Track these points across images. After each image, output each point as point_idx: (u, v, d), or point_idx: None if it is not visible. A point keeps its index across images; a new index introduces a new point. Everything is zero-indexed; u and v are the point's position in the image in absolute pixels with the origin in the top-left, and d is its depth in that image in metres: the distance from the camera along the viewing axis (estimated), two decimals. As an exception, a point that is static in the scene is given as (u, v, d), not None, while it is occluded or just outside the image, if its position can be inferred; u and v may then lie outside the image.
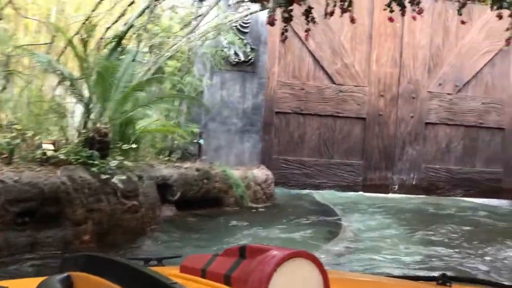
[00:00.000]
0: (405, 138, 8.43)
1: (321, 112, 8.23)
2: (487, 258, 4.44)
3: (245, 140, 6.35)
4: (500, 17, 5.69)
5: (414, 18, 5.74)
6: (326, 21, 8.14)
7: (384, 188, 8.38)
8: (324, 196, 7.66)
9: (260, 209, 6.03)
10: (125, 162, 4.07)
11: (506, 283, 1.57)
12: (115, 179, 3.70)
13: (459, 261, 4.30)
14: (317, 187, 8.19)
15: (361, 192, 8.29)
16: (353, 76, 8.27)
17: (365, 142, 8.35)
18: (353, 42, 8.30)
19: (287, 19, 5.20)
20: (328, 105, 8.23)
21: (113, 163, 3.83)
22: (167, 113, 5.71)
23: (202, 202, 5.51)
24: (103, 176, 3.68)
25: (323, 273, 0.75)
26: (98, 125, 3.90)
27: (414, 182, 8.45)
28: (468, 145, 8.59)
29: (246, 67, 6.27)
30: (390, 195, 8.20)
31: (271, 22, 5.46)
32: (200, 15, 4.90)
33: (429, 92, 8.42)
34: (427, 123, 8.46)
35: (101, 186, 3.67)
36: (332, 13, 5.25)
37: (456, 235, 5.42)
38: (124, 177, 3.84)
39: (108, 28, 4.32)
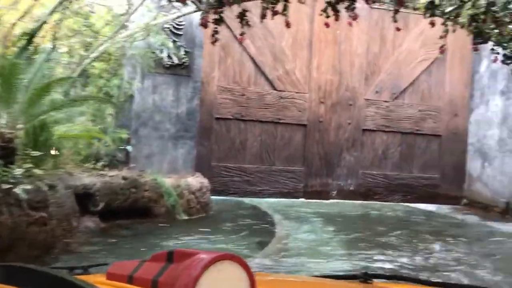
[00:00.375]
0: (343, 145, 8.48)
1: (262, 118, 8.12)
2: (415, 257, 4.50)
3: (179, 147, 6.11)
4: (432, 24, 5.79)
5: (350, 24, 5.74)
6: (267, 26, 8.07)
7: (325, 194, 8.36)
8: (265, 203, 7.54)
9: (193, 219, 5.80)
10: (35, 170, 3.74)
11: (423, 278, 1.53)
12: (18, 189, 3.37)
13: (388, 261, 4.32)
14: (258, 194, 8.06)
15: (302, 199, 8.24)
16: (294, 83, 8.23)
17: (306, 148, 8.32)
18: (294, 48, 8.27)
19: (218, 21, 5.04)
20: (269, 111, 8.13)
21: (18, 171, 3.50)
22: (93, 118, 5.38)
23: (130, 212, 5.21)
24: (4, 186, 3.35)
25: (250, 275, 0.77)
26: (1, 130, 3.56)
27: (352, 188, 8.51)
28: (405, 152, 8.75)
29: (180, 70, 6.04)
30: (331, 201, 8.20)
31: (204, 24, 5.30)
32: (123, 14, 4.64)
33: (366, 99, 8.53)
34: (364, 130, 8.55)
35: (2, 196, 3.34)
36: (264, 16, 5.14)
37: (389, 237, 5.45)
38: (30, 187, 3.52)
39: (14, 24, 3.99)
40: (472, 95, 8.79)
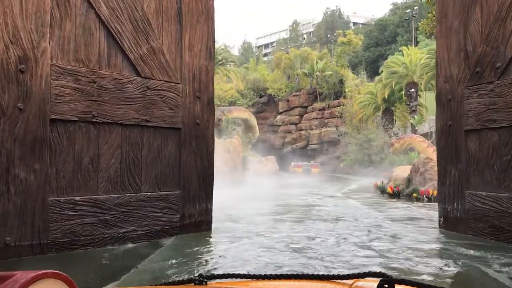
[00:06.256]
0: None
1: (123, 120, 5.17)
2: None
3: None
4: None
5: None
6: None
7: (205, 225, 6.04)
8: (121, 254, 4.74)
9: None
10: None
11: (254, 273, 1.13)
12: None
13: None
14: (121, 239, 5.08)
15: (178, 235, 5.69)
16: (163, 67, 5.59)
17: (182, 162, 5.79)
18: (159, 18, 5.63)
19: None
20: (132, 109, 5.25)
21: None
22: None
23: None
24: None
25: None
26: None
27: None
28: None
29: None
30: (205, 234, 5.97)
31: None
32: None
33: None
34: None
35: None
36: None
37: None
38: None
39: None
40: None
